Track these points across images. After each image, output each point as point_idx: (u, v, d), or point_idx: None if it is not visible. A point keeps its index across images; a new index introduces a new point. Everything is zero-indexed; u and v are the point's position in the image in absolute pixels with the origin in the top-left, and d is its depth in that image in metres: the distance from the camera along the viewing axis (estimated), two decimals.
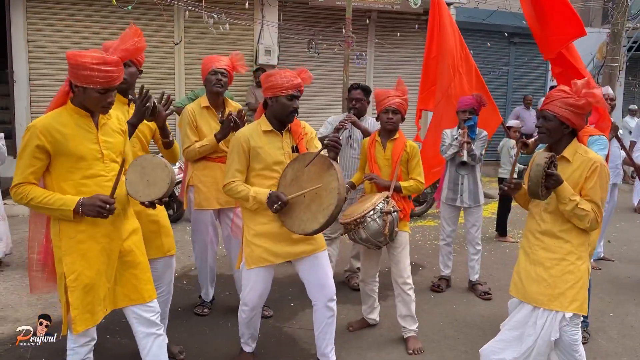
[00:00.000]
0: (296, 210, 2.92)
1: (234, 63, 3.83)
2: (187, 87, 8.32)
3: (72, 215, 2.34)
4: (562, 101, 2.62)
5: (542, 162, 2.47)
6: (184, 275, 4.98)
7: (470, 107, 4.54)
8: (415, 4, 9.16)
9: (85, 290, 2.43)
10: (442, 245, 4.94)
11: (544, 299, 2.64)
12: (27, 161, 2.35)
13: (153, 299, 2.71)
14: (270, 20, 8.38)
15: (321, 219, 2.81)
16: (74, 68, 2.33)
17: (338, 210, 2.80)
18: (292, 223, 2.92)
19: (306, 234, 2.91)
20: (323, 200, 2.82)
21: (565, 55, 4.73)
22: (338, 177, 2.79)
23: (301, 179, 2.92)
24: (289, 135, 3.08)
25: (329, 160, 2.87)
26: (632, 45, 13.27)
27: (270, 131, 3.02)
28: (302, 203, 2.90)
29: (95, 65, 2.33)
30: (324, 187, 2.84)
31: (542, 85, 12.40)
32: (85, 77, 2.33)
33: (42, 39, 7.71)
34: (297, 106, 3.00)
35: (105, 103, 2.42)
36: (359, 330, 3.89)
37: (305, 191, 2.86)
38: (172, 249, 3.29)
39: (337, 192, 2.77)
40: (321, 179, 2.85)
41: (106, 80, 2.36)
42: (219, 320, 3.99)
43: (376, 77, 9.88)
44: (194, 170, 3.79)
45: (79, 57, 2.33)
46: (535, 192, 2.51)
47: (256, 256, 3.00)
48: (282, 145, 3.03)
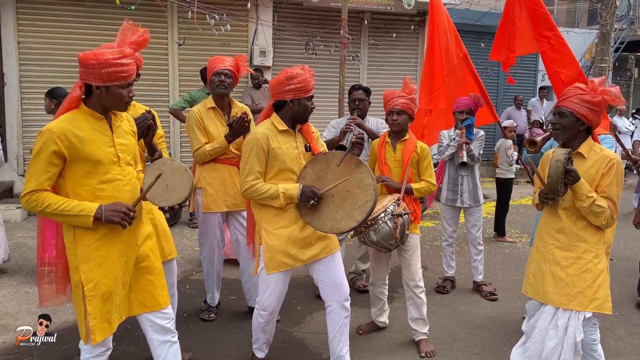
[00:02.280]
0: (325, 210, 2.90)
1: (239, 64, 3.77)
2: (181, 88, 8.22)
3: (91, 222, 2.27)
4: (579, 97, 2.62)
5: (561, 158, 2.46)
6: (186, 279, 4.90)
7: (468, 107, 4.54)
8: (409, 5, 9.17)
9: (103, 298, 2.36)
10: (445, 246, 4.93)
11: (562, 299, 2.63)
12: (42, 167, 2.25)
13: (168, 305, 2.66)
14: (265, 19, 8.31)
15: (358, 216, 2.81)
16: (95, 67, 2.26)
17: (374, 206, 2.83)
18: (323, 223, 2.89)
19: (340, 232, 2.94)
20: (358, 197, 2.83)
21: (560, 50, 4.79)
22: (370, 174, 2.82)
23: (325, 179, 2.90)
24: (301, 134, 3.05)
25: (357, 158, 2.89)
26: (619, 46, 13.47)
27: (286, 130, 2.98)
28: (331, 203, 2.89)
29: (117, 60, 2.27)
30: (357, 184, 2.84)
31: (532, 86, 12.51)
32: (109, 74, 2.27)
33: (32, 40, 7.55)
34: (314, 106, 3.02)
35: (128, 99, 2.37)
36: (368, 333, 3.86)
37: (340, 182, 2.85)
38: (173, 253, 3.29)
39: (373, 188, 2.79)
40: (353, 177, 2.85)
41: (129, 74, 2.32)
42: (227, 326, 3.93)
43: (370, 77, 9.86)
44: (202, 172, 3.72)
45: (100, 55, 2.26)
46: (555, 188, 2.50)
47: (277, 261, 2.95)
48: (296, 145, 3.00)
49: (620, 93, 2.68)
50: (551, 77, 5.02)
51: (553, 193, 2.56)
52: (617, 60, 13.80)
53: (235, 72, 3.75)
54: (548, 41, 4.74)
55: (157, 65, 8.11)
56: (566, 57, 4.83)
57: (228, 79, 3.70)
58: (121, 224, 2.31)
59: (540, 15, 4.80)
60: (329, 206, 2.89)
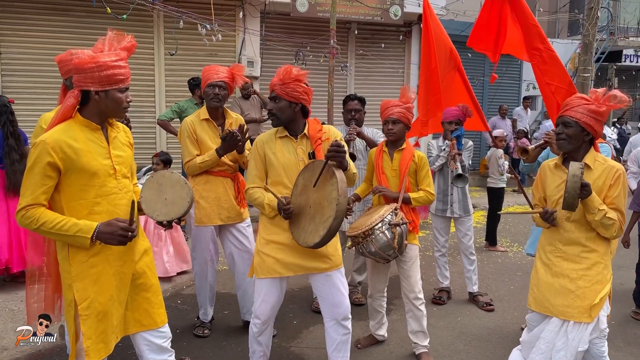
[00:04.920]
0: (302, 221, 2.79)
1: (234, 75, 3.69)
2: (167, 99, 8.11)
3: (88, 243, 2.16)
4: (584, 107, 2.59)
5: (578, 173, 2.40)
6: (177, 294, 4.78)
7: (456, 118, 4.53)
8: (396, 15, 9.21)
9: (98, 318, 2.25)
10: (438, 257, 4.89)
11: (573, 312, 2.58)
12: (37, 180, 2.14)
13: (165, 324, 2.56)
14: (253, 29, 8.26)
15: (321, 232, 2.64)
16: (94, 71, 2.16)
17: (337, 222, 2.63)
18: (299, 235, 2.80)
19: (309, 247, 2.74)
20: (325, 211, 2.66)
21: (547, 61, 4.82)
22: (338, 186, 2.60)
23: (309, 188, 2.79)
24: (306, 140, 2.96)
25: (332, 169, 2.68)
26: (600, 56, 13.71)
27: (285, 137, 2.92)
28: (308, 214, 2.76)
29: (115, 62, 2.19)
30: (326, 197, 2.68)
31: (517, 95, 12.64)
32: (108, 77, 2.19)
33: (15, 50, 7.39)
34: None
35: (126, 103, 2.29)
36: (367, 347, 3.78)
37: (299, 194, 2.73)
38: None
39: (337, 202, 2.57)
40: (324, 189, 2.69)
41: (126, 77, 2.25)
42: (222, 341, 3.82)
43: (357, 87, 9.86)
44: (195, 184, 3.62)
45: (98, 57, 2.17)
46: (572, 204, 2.42)
47: (267, 267, 2.90)
48: (296, 151, 2.92)
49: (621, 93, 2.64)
50: (542, 89, 5.04)
51: (569, 208, 2.46)
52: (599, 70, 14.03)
53: (229, 83, 3.67)
54: (540, 54, 4.76)
55: (143, 76, 7.99)
56: (557, 69, 4.85)
57: (222, 90, 3.62)
58: (120, 245, 2.21)
59: (531, 28, 4.82)
60: (306, 218, 2.77)
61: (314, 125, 2.97)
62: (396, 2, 9.19)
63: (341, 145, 2.70)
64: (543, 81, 4.96)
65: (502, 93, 12.36)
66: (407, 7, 9.24)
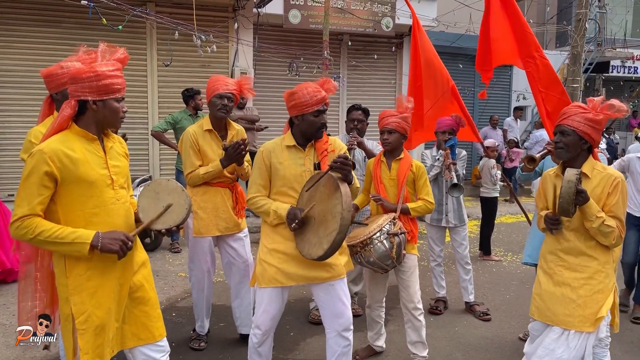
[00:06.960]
0: (307, 233, 2.78)
1: (242, 87, 3.68)
2: (160, 110, 8.07)
3: (87, 250, 2.12)
4: (581, 116, 2.60)
5: (573, 179, 2.41)
6: (172, 307, 4.71)
7: (450, 127, 4.55)
8: (388, 27, 9.28)
9: (96, 332, 2.21)
10: (434, 266, 4.88)
11: (574, 321, 2.58)
12: (33, 190, 2.10)
13: (163, 337, 2.51)
14: (246, 39, 8.27)
15: (325, 245, 2.64)
16: (92, 80, 2.14)
17: (341, 237, 2.63)
18: (303, 246, 2.79)
19: (312, 259, 2.74)
20: (329, 224, 2.66)
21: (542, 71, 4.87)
22: (342, 200, 2.60)
23: (314, 199, 2.78)
24: (313, 151, 2.94)
25: (337, 182, 2.68)
26: (588, 67, 13.88)
27: (293, 146, 2.91)
28: (312, 226, 2.75)
29: (112, 71, 2.18)
30: (330, 211, 2.68)
31: (507, 106, 12.74)
32: (106, 86, 2.17)
33: (7, 62, 7.34)
34: (325, 121, 2.90)
35: (123, 113, 2.26)
36: (366, 358, 3.75)
37: (309, 208, 2.71)
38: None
39: (341, 216, 2.57)
40: (329, 202, 2.69)
41: (122, 87, 2.23)
42: (218, 355, 3.76)
43: (350, 98, 9.90)
44: (193, 195, 3.58)
45: (96, 67, 2.15)
46: (567, 209, 2.45)
47: (268, 276, 2.87)
48: (303, 161, 2.90)
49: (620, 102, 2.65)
50: (535, 96, 5.08)
51: (564, 214, 2.49)
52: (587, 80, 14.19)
53: (237, 95, 3.66)
54: (534, 62, 4.81)
55: (136, 87, 7.96)
56: (550, 77, 4.90)
57: (230, 102, 3.61)
58: (118, 254, 2.17)
59: (527, 36, 4.87)
60: (311, 230, 2.76)
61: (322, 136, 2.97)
62: (388, 14, 9.27)
63: (348, 159, 2.71)
64: (537, 88, 5.01)
65: (492, 104, 12.46)
66: (399, 19, 9.31)
